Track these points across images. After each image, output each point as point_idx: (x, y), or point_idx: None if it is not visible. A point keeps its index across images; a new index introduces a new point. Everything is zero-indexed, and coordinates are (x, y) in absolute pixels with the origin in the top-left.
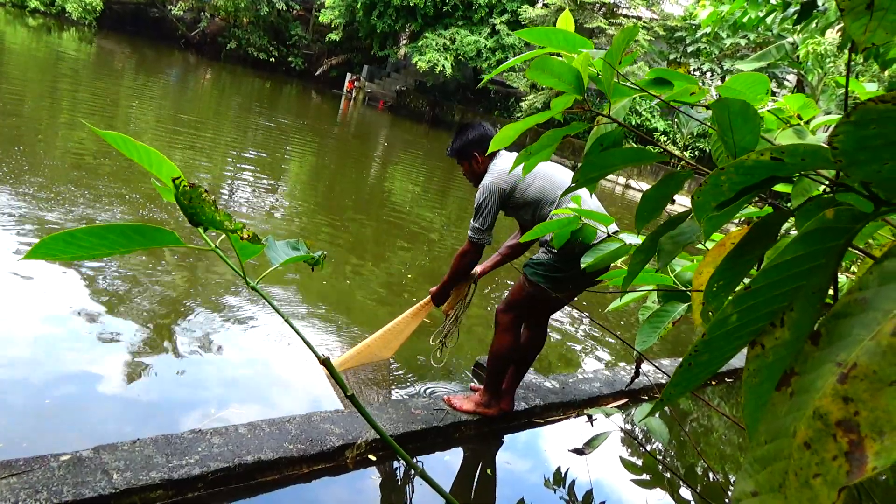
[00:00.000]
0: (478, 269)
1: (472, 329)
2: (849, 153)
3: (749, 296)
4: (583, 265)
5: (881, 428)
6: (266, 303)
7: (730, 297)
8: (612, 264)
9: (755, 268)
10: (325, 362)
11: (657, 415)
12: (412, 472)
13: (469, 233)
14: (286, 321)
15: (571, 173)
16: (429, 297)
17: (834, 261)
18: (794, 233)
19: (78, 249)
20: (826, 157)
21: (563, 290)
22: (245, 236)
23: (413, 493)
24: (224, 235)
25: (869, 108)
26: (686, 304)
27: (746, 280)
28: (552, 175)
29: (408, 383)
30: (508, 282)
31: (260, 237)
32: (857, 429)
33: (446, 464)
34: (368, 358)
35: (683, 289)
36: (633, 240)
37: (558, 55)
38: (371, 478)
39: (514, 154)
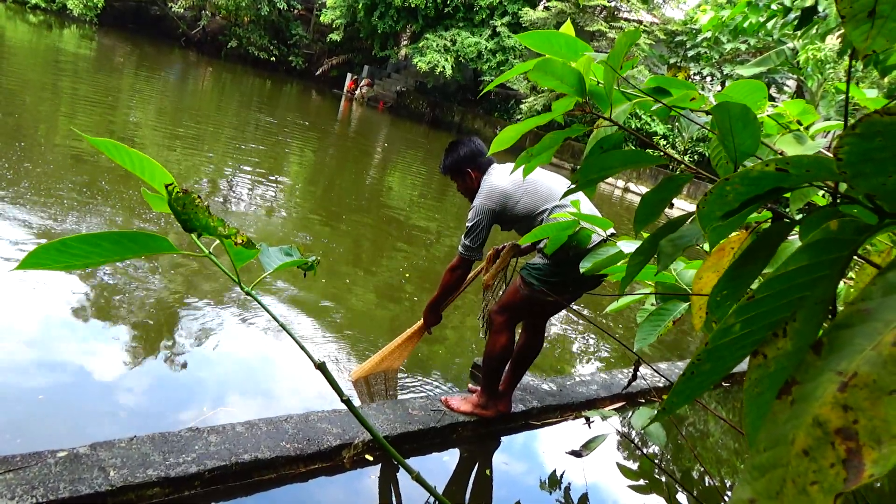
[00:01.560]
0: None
1: (470, 330)
2: (854, 165)
3: (752, 305)
4: (582, 270)
5: (879, 436)
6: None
7: (733, 307)
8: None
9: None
10: (320, 367)
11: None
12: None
13: (460, 249)
14: (282, 326)
15: (564, 181)
16: (421, 322)
17: (838, 272)
18: (793, 238)
19: (71, 258)
20: (831, 168)
21: (561, 293)
22: (239, 242)
23: (410, 493)
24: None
25: (874, 121)
26: (686, 304)
27: (753, 287)
28: (543, 187)
29: (406, 384)
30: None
31: (254, 242)
32: (856, 437)
33: (443, 465)
34: (379, 370)
35: (683, 291)
36: (629, 247)
37: None
38: (368, 478)
39: (509, 167)
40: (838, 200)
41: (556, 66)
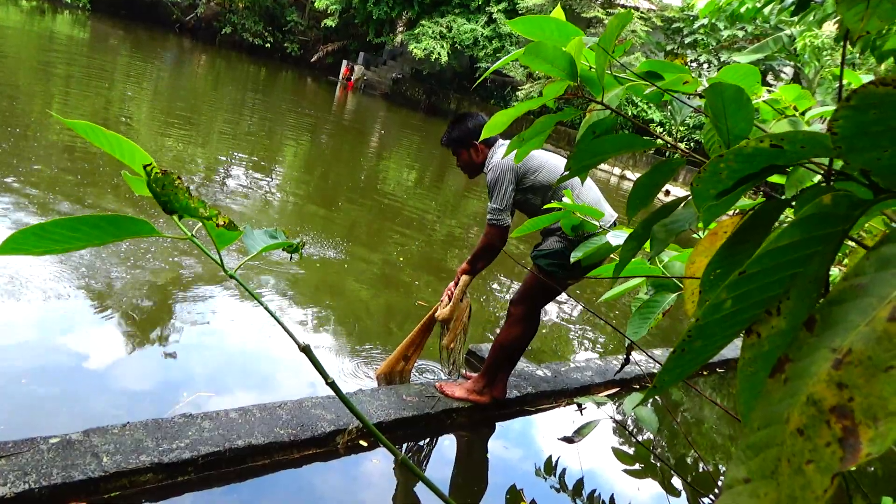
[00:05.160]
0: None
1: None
2: (848, 139)
3: (744, 281)
4: (572, 259)
5: (875, 414)
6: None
7: (725, 282)
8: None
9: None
10: (304, 349)
11: (648, 404)
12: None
13: (488, 216)
14: (266, 309)
15: None
16: (435, 307)
17: (832, 249)
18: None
19: (50, 243)
20: (825, 144)
21: (576, 276)
22: (221, 223)
23: (403, 478)
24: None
25: (869, 92)
26: (675, 294)
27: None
28: (562, 164)
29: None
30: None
31: (237, 224)
32: (851, 415)
33: (438, 451)
34: (399, 367)
35: (677, 277)
36: (618, 239)
37: None
38: (362, 463)
39: None
40: (829, 176)
41: (546, 49)
